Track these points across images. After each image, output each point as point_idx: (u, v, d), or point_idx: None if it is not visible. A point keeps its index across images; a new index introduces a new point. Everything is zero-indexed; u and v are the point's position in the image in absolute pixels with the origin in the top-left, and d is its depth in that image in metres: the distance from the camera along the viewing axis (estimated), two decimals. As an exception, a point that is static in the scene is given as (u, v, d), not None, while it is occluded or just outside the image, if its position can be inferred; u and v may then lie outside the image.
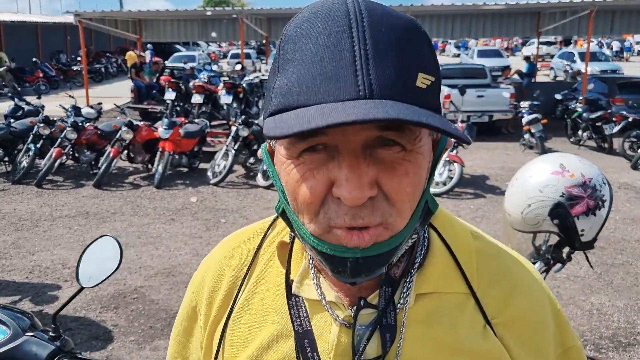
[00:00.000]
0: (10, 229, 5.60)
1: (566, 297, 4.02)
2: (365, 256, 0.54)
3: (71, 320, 3.65)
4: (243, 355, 0.66)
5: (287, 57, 0.52)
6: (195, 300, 0.75)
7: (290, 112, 0.50)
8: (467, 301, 0.63)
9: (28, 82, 18.03)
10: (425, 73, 0.51)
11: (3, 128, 7.60)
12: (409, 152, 0.53)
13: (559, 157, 1.63)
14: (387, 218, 0.53)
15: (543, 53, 28.79)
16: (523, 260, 0.70)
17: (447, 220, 0.68)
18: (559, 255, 1.66)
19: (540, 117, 8.89)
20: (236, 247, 0.74)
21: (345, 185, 0.51)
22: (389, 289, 0.61)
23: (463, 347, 0.61)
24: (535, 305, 0.65)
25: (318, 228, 0.54)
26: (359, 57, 0.49)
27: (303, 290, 0.65)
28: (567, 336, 0.68)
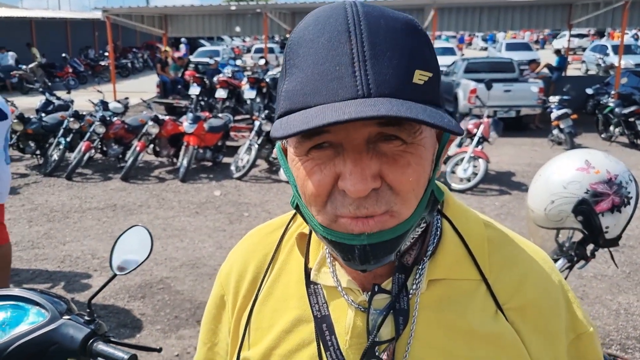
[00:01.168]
0: (42, 219, 5.79)
1: (593, 296, 3.96)
2: (372, 243, 0.57)
3: (101, 308, 3.77)
4: (267, 338, 0.71)
5: (292, 62, 0.56)
6: (223, 290, 0.80)
7: (295, 114, 0.54)
8: (479, 287, 0.66)
9: (58, 77, 18.48)
10: (422, 70, 0.54)
11: (35, 122, 7.82)
12: (409, 145, 0.56)
13: (584, 153, 1.62)
14: (392, 206, 0.56)
15: (574, 46, 28.09)
16: (535, 248, 0.72)
17: (460, 210, 0.70)
18: (582, 252, 1.65)
19: (570, 112, 8.69)
20: (260, 239, 0.79)
21: (349, 179, 0.54)
22: (402, 276, 0.65)
23: (474, 330, 0.63)
24: (546, 291, 0.67)
25: (326, 218, 0.58)
26: (357, 58, 0.52)
27: (321, 278, 0.69)
28: (579, 322, 0.69)
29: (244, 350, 0.74)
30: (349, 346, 0.65)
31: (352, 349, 0.65)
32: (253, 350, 0.72)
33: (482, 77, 9.88)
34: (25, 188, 6.97)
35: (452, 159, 6.95)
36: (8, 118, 3.56)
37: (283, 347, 0.69)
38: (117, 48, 23.05)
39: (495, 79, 9.92)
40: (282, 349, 0.69)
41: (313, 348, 0.67)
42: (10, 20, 22.12)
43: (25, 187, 7.01)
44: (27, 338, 1.24)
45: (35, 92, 13.81)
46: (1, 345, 1.23)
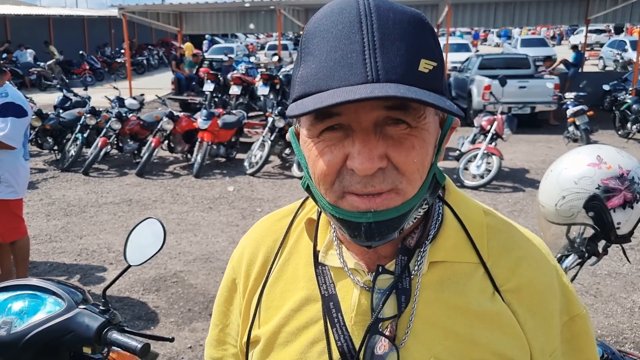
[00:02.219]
0: (60, 214, 5.89)
1: (606, 294, 3.92)
2: (377, 221, 0.61)
3: (116, 301, 3.84)
4: (276, 317, 0.75)
5: (307, 50, 0.61)
6: (234, 273, 0.84)
7: (309, 97, 0.58)
8: (477, 270, 0.70)
9: (75, 74, 18.72)
10: (427, 59, 0.59)
11: (53, 118, 7.95)
12: (414, 129, 0.60)
13: (595, 149, 1.60)
14: (397, 185, 0.61)
15: (592, 42, 27.65)
16: (531, 235, 0.75)
17: (461, 198, 0.75)
18: (593, 248, 1.64)
19: (586, 109, 8.55)
20: (270, 226, 0.83)
21: (357, 157, 0.59)
22: (405, 258, 0.69)
23: (472, 310, 0.67)
24: (541, 274, 0.71)
25: (334, 196, 0.63)
26: (368, 47, 0.56)
27: (328, 260, 0.73)
28: (572, 305, 0.72)
29: (254, 329, 0.78)
30: (354, 323, 0.69)
31: (357, 326, 0.69)
32: (263, 329, 0.76)
33: (497, 74, 9.78)
34: (43, 183, 7.09)
35: (465, 156, 6.91)
36: (28, 115, 3.64)
37: (292, 325, 0.73)
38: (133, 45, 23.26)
39: (509, 75, 9.81)
40: (290, 327, 0.73)
41: (320, 325, 0.71)
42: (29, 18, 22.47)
43: (43, 182, 7.14)
44: (44, 326, 1.27)
45: (53, 89, 14.04)
46: (19, 333, 1.27)
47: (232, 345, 0.84)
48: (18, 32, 21.76)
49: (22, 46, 18.96)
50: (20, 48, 18.83)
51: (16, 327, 1.27)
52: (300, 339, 0.72)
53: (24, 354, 1.27)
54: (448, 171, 7.39)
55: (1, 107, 3.47)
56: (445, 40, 13.24)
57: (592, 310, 3.69)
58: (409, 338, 0.67)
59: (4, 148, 3.50)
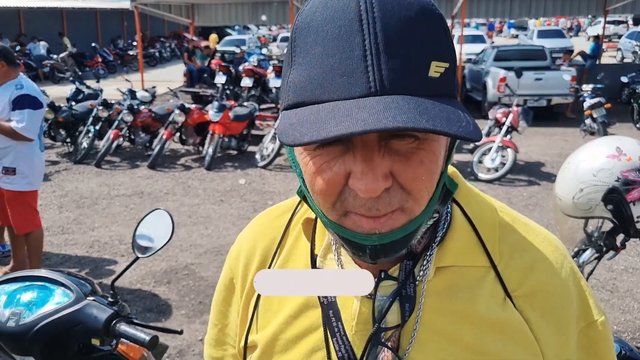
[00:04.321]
0: (72, 205, 5.94)
1: (623, 290, 3.85)
2: (384, 243, 0.56)
3: (127, 293, 3.86)
4: (274, 323, 0.71)
5: (299, 50, 0.53)
6: (232, 273, 0.81)
7: (304, 111, 0.51)
8: (487, 274, 0.64)
9: (88, 67, 18.84)
10: (438, 60, 0.51)
11: (65, 111, 8.01)
12: (422, 141, 0.54)
13: (615, 140, 1.56)
14: (403, 204, 0.55)
15: (610, 33, 27.14)
16: (547, 235, 0.70)
17: (471, 196, 0.69)
18: (612, 243, 1.60)
19: (604, 101, 8.40)
20: (268, 223, 0.79)
21: (360, 178, 0.52)
22: (409, 262, 0.64)
23: (482, 317, 0.62)
24: (556, 278, 0.65)
25: (335, 214, 0.57)
26: (370, 51, 0.49)
27: (326, 264, 0.69)
28: (590, 310, 0.67)
29: (251, 333, 0.74)
30: (354, 332, 0.65)
31: (357, 335, 0.65)
32: (261, 334, 0.72)
33: (512, 65, 9.64)
34: (56, 175, 7.15)
35: (480, 149, 6.83)
36: (43, 106, 3.67)
37: (290, 332, 0.69)
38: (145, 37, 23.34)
39: (525, 67, 9.66)
40: (289, 334, 0.69)
41: (320, 333, 0.67)
42: (42, 11, 22.63)
43: (56, 174, 7.20)
44: (52, 317, 1.27)
45: (66, 82, 14.14)
46: (28, 324, 1.26)
47: (231, 346, 0.81)
48: (31, 25, 21.94)
49: (35, 38, 19.12)
50: (33, 40, 19.00)
51: (25, 318, 1.27)
52: (299, 347, 0.68)
53: (32, 345, 1.27)
54: (462, 164, 7.31)
55: (17, 100, 3.50)
56: (460, 31, 13.07)
57: (608, 305, 3.63)
58: (413, 348, 0.62)
59: (21, 140, 3.53)
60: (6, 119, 3.49)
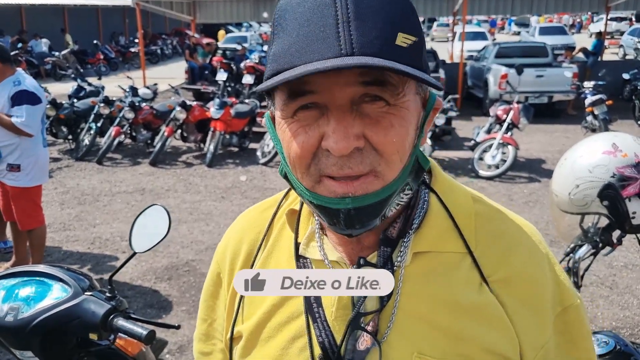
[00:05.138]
0: (74, 202, 5.96)
1: (622, 286, 3.85)
2: (357, 207, 0.58)
3: (128, 289, 3.88)
4: (259, 312, 0.73)
5: (280, 27, 0.58)
6: (219, 267, 0.82)
7: (281, 74, 0.55)
8: (464, 260, 0.66)
9: (90, 64, 18.85)
10: (405, 33, 0.56)
11: (67, 108, 8.02)
12: (393, 106, 0.57)
13: (611, 136, 1.56)
14: (375, 167, 0.58)
15: (612, 30, 27.04)
16: (523, 222, 0.72)
17: (448, 185, 0.71)
18: (607, 238, 1.60)
19: (605, 98, 8.37)
20: (253, 218, 0.82)
21: (332, 137, 0.56)
22: (387, 249, 0.66)
23: (458, 302, 0.64)
24: (531, 264, 0.67)
25: (310, 180, 0.60)
26: (341, 20, 0.54)
27: (309, 252, 0.71)
28: (566, 295, 0.69)
29: (237, 324, 0.76)
30: (334, 318, 0.67)
31: (337, 321, 0.67)
32: (246, 324, 0.74)
33: (514, 62, 9.61)
34: (58, 172, 7.17)
35: (481, 146, 6.83)
36: (42, 102, 3.68)
37: (273, 320, 0.71)
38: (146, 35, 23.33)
39: (527, 63, 9.64)
40: (272, 322, 0.71)
41: (302, 320, 0.69)
42: (44, 8, 22.64)
43: (57, 170, 7.22)
44: (50, 312, 1.28)
45: (67, 79, 14.16)
46: (26, 318, 1.28)
47: (219, 340, 0.83)
48: (33, 22, 21.95)
49: (37, 35, 19.12)
50: (35, 38, 19.00)
51: (23, 312, 1.28)
52: (282, 334, 0.70)
53: (31, 339, 1.28)
54: (463, 161, 7.32)
55: (15, 96, 3.51)
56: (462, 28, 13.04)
57: (607, 302, 3.63)
58: (391, 333, 0.64)
59: (22, 135, 3.55)
60: (7, 115, 3.51)
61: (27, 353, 1.31)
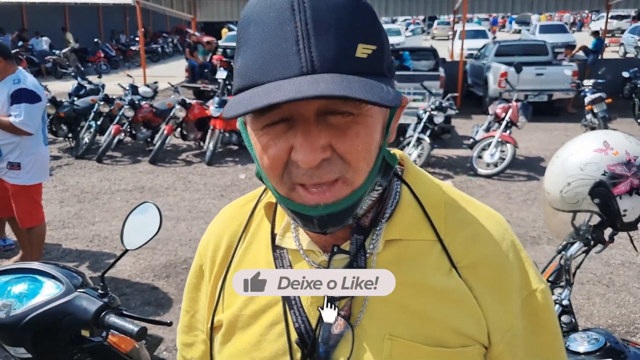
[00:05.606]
0: (73, 200, 5.97)
1: (619, 284, 3.86)
2: (329, 213, 0.61)
3: (126, 286, 3.89)
4: (238, 302, 0.75)
5: (243, 40, 0.59)
6: (201, 260, 0.85)
7: (244, 93, 0.57)
8: (434, 247, 0.70)
9: (90, 62, 18.86)
10: (365, 43, 0.57)
11: (67, 106, 8.03)
12: (357, 116, 0.59)
13: (603, 134, 1.56)
14: (344, 174, 0.60)
15: (613, 28, 26.96)
16: (490, 212, 0.76)
17: (419, 177, 0.75)
18: (599, 236, 1.60)
19: (605, 97, 8.37)
20: (234, 211, 0.84)
21: (300, 150, 0.58)
22: (360, 237, 0.69)
23: (428, 286, 0.67)
24: (497, 250, 0.70)
25: (284, 188, 0.63)
26: (301, 36, 0.55)
27: (285, 242, 0.74)
28: (531, 280, 0.72)
29: (217, 314, 0.79)
30: (310, 304, 0.70)
31: (313, 306, 0.70)
32: (226, 313, 0.77)
33: (514, 61, 9.60)
34: (58, 170, 7.19)
35: (479, 144, 6.83)
36: (42, 100, 3.68)
37: (251, 308, 0.74)
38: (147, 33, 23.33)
39: (526, 62, 9.63)
40: (250, 310, 0.74)
41: (279, 308, 0.72)
42: (44, 6, 22.65)
43: (57, 169, 7.24)
44: (42, 309, 1.29)
45: (68, 77, 14.16)
46: (18, 315, 1.29)
47: (201, 331, 0.85)
48: (34, 20, 21.97)
49: (38, 34, 19.13)
50: (36, 36, 19.01)
51: (15, 309, 1.29)
52: (260, 321, 0.73)
53: (23, 336, 1.29)
54: (462, 159, 7.32)
55: (14, 94, 3.51)
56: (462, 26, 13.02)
57: (604, 300, 3.64)
58: (364, 316, 0.67)
59: (21, 134, 3.55)
60: (7, 114, 3.51)
61: (20, 350, 1.32)
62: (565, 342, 1.51)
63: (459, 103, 10.44)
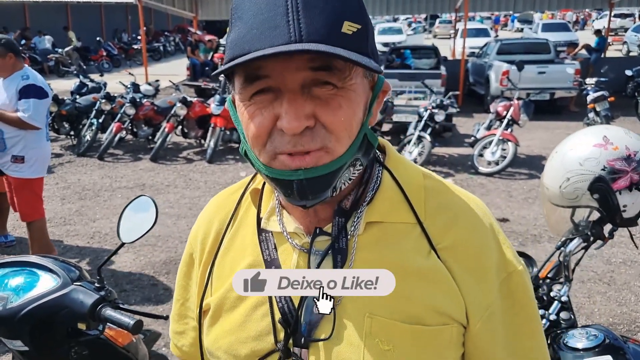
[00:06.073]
0: (74, 197, 5.98)
1: (620, 282, 3.84)
2: (308, 177, 0.63)
3: (126, 283, 3.89)
4: (225, 285, 0.77)
5: (237, 16, 0.63)
6: (192, 248, 0.87)
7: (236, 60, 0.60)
8: (414, 229, 0.72)
9: (92, 61, 18.88)
10: (350, 21, 0.60)
11: (69, 104, 8.04)
12: (340, 89, 0.62)
13: (602, 129, 1.55)
14: (326, 143, 0.63)
15: (616, 26, 26.89)
16: (469, 196, 0.77)
17: (400, 162, 0.77)
18: (599, 232, 1.59)
19: (607, 95, 8.34)
20: (222, 200, 0.87)
21: (285, 117, 0.61)
22: (341, 219, 0.71)
23: (407, 267, 0.69)
24: (475, 232, 0.72)
25: (266, 156, 0.65)
26: (291, 9, 0.58)
27: (270, 225, 0.76)
28: (509, 261, 0.73)
29: (206, 297, 0.81)
30: None
31: None
32: (214, 297, 0.79)
33: (516, 59, 9.58)
34: (59, 167, 7.20)
35: (480, 142, 6.82)
36: (49, 96, 3.75)
37: None
38: (149, 31, 23.35)
39: (528, 60, 9.61)
40: (236, 292, 0.74)
41: None
42: (47, 4, 22.68)
43: (59, 166, 7.25)
44: (39, 302, 1.29)
45: (70, 75, 14.17)
46: (15, 308, 1.28)
47: (192, 319, 0.87)
48: (36, 18, 22.00)
49: (40, 32, 19.15)
50: (38, 34, 19.03)
51: (12, 302, 1.29)
52: (245, 303, 0.75)
53: (20, 329, 1.29)
54: (463, 158, 7.31)
55: (23, 89, 3.59)
56: (463, 25, 12.99)
57: (605, 298, 3.62)
58: (345, 296, 0.69)
59: (28, 129, 3.62)
60: (14, 108, 3.59)
61: (17, 342, 1.32)
62: (564, 338, 1.51)
63: (460, 101, 10.43)
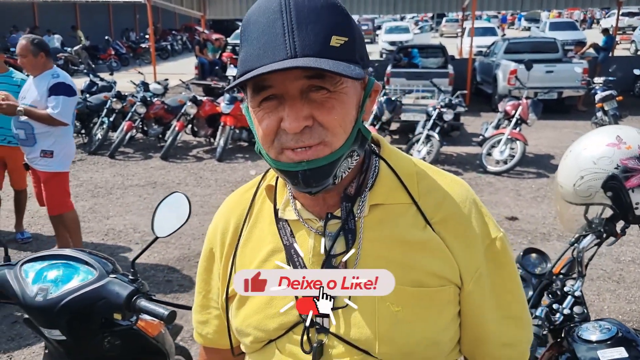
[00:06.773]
0: (87, 195, 6.07)
1: (630, 280, 3.88)
2: (311, 168, 0.75)
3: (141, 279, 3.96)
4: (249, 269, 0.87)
5: (244, 37, 0.76)
6: (211, 244, 0.98)
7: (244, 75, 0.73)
8: (410, 208, 0.85)
9: (101, 60, 19.01)
10: (338, 35, 0.73)
11: (80, 102, 8.10)
12: (333, 92, 0.75)
13: (615, 129, 1.60)
14: (324, 138, 0.75)
15: (624, 25, 26.74)
16: (454, 178, 0.91)
17: (393, 152, 0.90)
18: (611, 229, 1.64)
19: (615, 94, 8.33)
20: (237, 199, 0.98)
21: (287, 119, 0.74)
22: (348, 204, 0.84)
23: (407, 240, 0.83)
24: (462, 207, 0.86)
25: (275, 152, 0.78)
26: (287, 31, 0.71)
27: (286, 214, 0.88)
28: (491, 229, 0.87)
29: (231, 285, 0.90)
30: (312, 263, 0.84)
31: (314, 265, 0.84)
32: None
33: (523, 58, 9.58)
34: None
35: (489, 141, 6.84)
36: (77, 94, 3.88)
37: None
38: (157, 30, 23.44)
39: (536, 59, 9.61)
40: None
41: None
42: (56, 4, 22.83)
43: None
44: (78, 293, 1.35)
45: (79, 74, 14.30)
46: (54, 299, 1.35)
47: (214, 308, 0.99)
48: (45, 18, 22.15)
49: (49, 31, 19.29)
50: (48, 33, 19.17)
51: (52, 293, 1.35)
52: None
53: (58, 319, 1.35)
54: (471, 157, 7.34)
55: (53, 87, 3.72)
56: (471, 24, 12.99)
57: (614, 295, 3.66)
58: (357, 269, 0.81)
59: (57, 125, 3.74)
60: (45, 106, 3.71)
61: (55, 332, 1.38)
62: (577, 331, 1.56)
63: (468, 100, 10.44)
